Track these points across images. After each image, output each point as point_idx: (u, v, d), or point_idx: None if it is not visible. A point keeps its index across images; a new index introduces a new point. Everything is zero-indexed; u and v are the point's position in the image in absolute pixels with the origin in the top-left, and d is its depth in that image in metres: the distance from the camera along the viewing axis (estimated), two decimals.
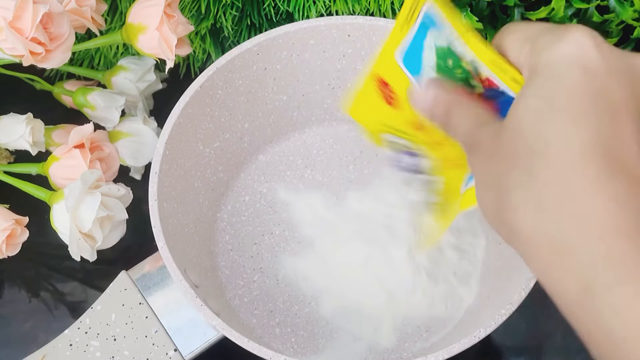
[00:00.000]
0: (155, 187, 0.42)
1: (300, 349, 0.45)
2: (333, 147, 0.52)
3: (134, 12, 0.46)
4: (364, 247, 0.47)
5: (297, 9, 0.54)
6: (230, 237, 0.48)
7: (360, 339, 0.44)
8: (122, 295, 0.43)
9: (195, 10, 0.53)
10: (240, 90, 0.48)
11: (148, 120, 0.50)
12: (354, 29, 0.47)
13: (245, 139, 0.50)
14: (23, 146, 0.48)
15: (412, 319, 0.45)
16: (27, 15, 0.40)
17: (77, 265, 0.50)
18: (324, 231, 0.48)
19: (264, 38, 0.46)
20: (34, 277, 0.50)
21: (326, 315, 0.45)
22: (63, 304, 0.49)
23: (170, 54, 0.46)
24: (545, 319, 0.48)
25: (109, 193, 0.45)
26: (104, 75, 0.52)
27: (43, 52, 0.42)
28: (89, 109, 0.50)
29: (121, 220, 0.46)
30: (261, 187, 0.50)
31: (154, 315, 0.42)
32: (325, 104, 0.51)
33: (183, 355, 0.41)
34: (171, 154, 0.44)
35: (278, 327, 0.45)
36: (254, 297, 0.46)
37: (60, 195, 0.44)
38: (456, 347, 0.37)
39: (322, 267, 0.47)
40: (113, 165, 0.48)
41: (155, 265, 0.44)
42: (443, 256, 0.47)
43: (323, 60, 0.49)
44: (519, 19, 0.55)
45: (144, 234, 0.49)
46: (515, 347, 0.48)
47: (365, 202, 0.49)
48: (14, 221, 0.46)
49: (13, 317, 0.49)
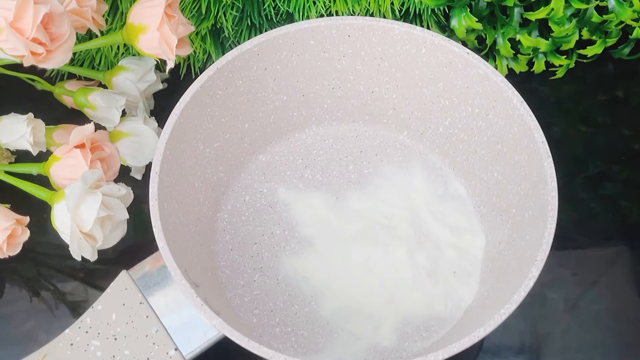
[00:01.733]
0: (155, 187, 0.42)
1: (300, 348, 0.45)
2: (333, 147, 0.52)
3: (135, 12, 0.46)
4: (364, 247, 0.47)
5: (297, 10, 0.54)
6: (230, 237, 0.48)
7: (360, 339, 0.45)
8: (123, 294, 0.43)
9: (196, 10, 0.53)
10: (240, 90, 0.48)
11: (149, 121, 0.50)
12: (354, 29, 0.47)
13: (245, 139, 0.50)
14: (24, 146, 0.48)
15: (412, 319, 0.45)
16: (28, 16, 0.40)
17: (78, 265, 0.50)
18: (324, 231, 0.48)
19: (264, 38, 0.46)
20: (34, 276, 0.50)
21: (326, 315, 0.45)
22: (64, 303, 0.49)
23: (170, 54, 0.46)
24: (545, 319, 0.48)
25: (109, 193, 0.45)
26: (104, 75, 0.52)
27: (44, 52, 0.42)
28: (90, 109, 0.50)
29: (122, 220, 0.46)
30: (261, 187, 0.50)
31: (155, 314, 0.42)
32: (325, 104, 0.51)
33: (183, 354, 0.41)
34: (172, 154, 0.44)
35: (278, 326, 0.45)
36: (254, 296, 0.46)
37: (61, 195, 0.44)
38: (456, 346, 0.37)
39: (322, 267, 0.47)
40: (114, 165, 0.48)
41: (156, 264, 0.44)
42: (443, 256, 0.47)
43: (323, 61, 0.49)
44: (518, 19, 0.55)
45: (145, 233, 0.49)
46: (514, 347, 0.48)
47: (365, 202, 0.49)
48: (15, 221, 0.46)
49: (14, 317, 0.49)
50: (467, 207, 0.49)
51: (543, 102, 0.58)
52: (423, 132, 0.51)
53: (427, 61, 0.47)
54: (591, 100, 0.59)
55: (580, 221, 0.53)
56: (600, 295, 0.49)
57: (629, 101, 0.59)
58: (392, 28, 0.47)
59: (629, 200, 0.53)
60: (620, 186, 0.54)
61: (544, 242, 0.39)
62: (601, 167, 0.55)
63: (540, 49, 0.55)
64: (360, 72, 0.50)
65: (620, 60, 0.59)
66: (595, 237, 0.52)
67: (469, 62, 0.46)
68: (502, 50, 0.56)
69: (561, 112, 0.58)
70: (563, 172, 0.45)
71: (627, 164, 0.55)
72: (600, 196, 0.54)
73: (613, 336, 0.48)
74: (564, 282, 0.49)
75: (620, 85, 0.59)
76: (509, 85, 0.44)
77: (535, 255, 0.39)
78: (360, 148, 0.52)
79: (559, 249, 0.43)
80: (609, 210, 0.53)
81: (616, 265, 0.51)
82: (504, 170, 0.46)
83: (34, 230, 0.48)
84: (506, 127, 0.45)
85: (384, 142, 0.52)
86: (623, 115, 0.58)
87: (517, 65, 0.57)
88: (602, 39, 0.56)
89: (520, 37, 0.55)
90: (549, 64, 0.58)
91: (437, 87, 0.48)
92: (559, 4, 0.52)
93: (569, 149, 0.56)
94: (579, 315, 0.48)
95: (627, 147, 0.56)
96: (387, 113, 0.51)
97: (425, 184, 0.50)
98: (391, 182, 0.50)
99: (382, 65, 0.49)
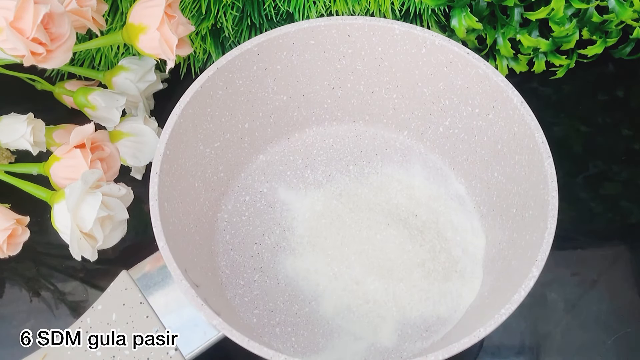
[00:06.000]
0: (155, 187, 0.42)
1: (300, 348, 0.45)
2: (333, 147, 0.52)
3: (135, 12, 0.46)
4: (364, 247, 0.47)
5: (298, 9, 0.54)
6: (230, 237, 0.48)
7: (360, 339, 0.45)
8: (123, 294, 0.43)
9: (196, 10, 0.53)
10: (240, 90, 0.48)
11: (149, 120, 0.50)
12: (354, 29, 0.47)
13: (245, 139, 0.50)
14: (24, 146, 0.48)
15: (412, 319, 0.45)
16: (28, 16, 0.40)
17: (78, 265, 0.50)
18: (324, 231, 0.48)
19: (264, 38, 0.46)
20: (34, 276, 0.50)
21: (326, 315, 0.45)
22: (64, 303, 0.49)
23: (170, 54, 0.46)
24: (544, 319, 0.48)
25: (109, 193, 0.45)
26: (104, 75, 0.52)
27: (44, 52, 0.42)
28: (90, 109, 0.50)
29: (122, 220, 0.46)
30: (261, 187, 0.50)
31: (155, 314, 0.42)
32: (325, 104, 0.51)
33: (183, 354, 0.41)
34: (172, 154, 0.44)
35: (278, 326, 0.45)
36: (255, 296, 0.46)
37: (61, 195, 0.44)
38: (456, 346, 0.37)
39: (322, 266, 0.47)
40: (114, 165, 0.48)
41: (156, 264, 0.44)
42: (443, 256, 0.47)
43: (323, 61, 0.49)
44: (518, 19, 0.55)
45: (145, 233, 0.50)
46: (514, 347, 0.48)
47: (365, 202, 0.49)
48: (15, 221, 0.46)
49: (14, 317, 0.49)
50: (467, 207, 0.49)
51: (543, 102, 0.58)
52: (423, 132, 0.51)
53: (427, 61, 0.47)
54: (591, 100, 0.59)
55: (580, 221, 0.53)
56: (600, 295, 0.49)
57: (629, 101, 0.59)
58: (392, 28, 0.47)
59: (629, 200, 0.53)
60: (620, 186, 0.54)
61: (544, 242, 0.39)
62: (601, 167, 0.55)
63: (541, 49, 0.55)
64: (360, 72, 0.50)
65: (621, 60, 0.59)
66: (595, 237, 0.52)
67: (469, 62, 0.46)
68: (502, 50, 0.56)
69: (561, 112, 0.58)
70: (563, 172, 0.45)
71: (627, 164, 0.55)
72: (600, 196, 0.54)
73: (613, 336, 0.48)
74: (564, 282, 0.50)
75: (620, 85, 0.59)
76: (509, 85, 0.44)
77: (536, 255, 0.39)
78: (360, 148, 0.52)
79: (559, 249, 0.43)
80: (609, 210, 0.53)
81: (616, 265, 0.51)
82: (504, 170, 0.46)
83: (34, 230, 0.48)
84: (506, 127, 0.45)
85: (384, 142, 0.52)
86: (623, 115, 0.58)
87: (517, 65, 0.57)
88: (602, 39, 0.56)
89: (521, 37, 0.55)
90: (549, 64, 0.58)
91: (437, 87, 0.48)
92: (559, 4, 0.52)
93: (569, 149, 0.56)
94: (579, 315, 0.48)
95: (627, 147, 0.56)
96: (387, 113, 0.51)
97: (426, 184, 0.50)
98: (391, 182, 0.50)
99: (382, 65, 0.49)
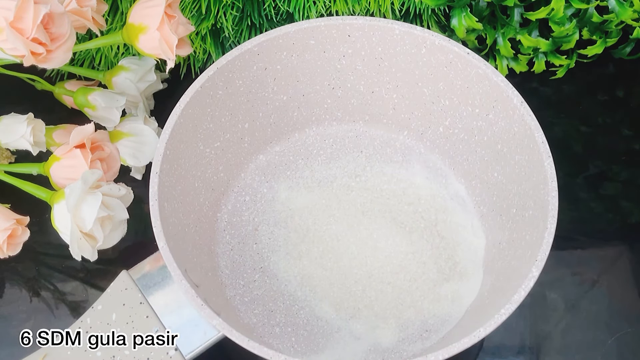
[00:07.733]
0: (155, 187, 0.42)
1: (300, 348, 0.45)
2: (333, 147, 0.52)
3: (135, 12, 0.46)
4: (364, 247, 0.47)
5: (298, 9, 0.54)
6: (230, 237, 0.48)
7: (360, 339, 0.45)
8: (123, 294, 0.43)
9: (196, 10, 0.53)
10: (240, 90, 0.48)
11: (149, 120, 0.50)
12: (354, 29, 0.47)
13: (245, 139, 0.50)
14: (24, 146, 0.48)
15: (412, 319, 0.45)
16: (28, 16, 0.40)
17: (78, 265, 0.50)
18: (325, 231, 0.48)
19: (264, 38, 0.46)
20: (34, 276, 0.50)
21: (326, 315, 0.45)
22: (64, 303, 0.49)
23: (170, 54, 0.46)
24: (544, 319, 0.48)
25: (109, 193, 0.45)
26: (104, 75, 0.52)
27: (44, 52, 0.42)
28: (90, 109, 0.50)
29: (122, 220, 0.46)
30: (261, 187, 0.50)
31: (155, 314, 0.42)
32: (325, 104, 0.51)
33: (184, 354, 0.41)
34: (172, 154, 0.44)
35: (278, 326, 0.45)
36: (255, 296, 0.46)
37: (61, 195, 0.44)
38: (456, 346, 0.37)
39: (323, 266, 0.47)
40: (114, 165, 0.48)
41: (156, 265, 0.44)
42: (443, 256, 0.47)
43: (323, 61, 0.49)
44: (518, 19, 0.55)
45: (145, 233, 0.50)
46: (514, 347, 0.48)
47: (366, 202, 0.49)
48: (15, 221, 0.46)
49: (14, 317, 0.49)
50: (467, 207, 0.49)
51: (543, 102, 0.58)
52: (423, 132, 0.51)
53: (427, 61, 0.47)
54: (591, 100, 0.59)
55: (580, 221, 0.53)
56: (600, 295, 0.49)
57: (629, 101, 0.59)
58: (392, 28, 0.47)
59: (629, 200, 0.53)
60: (620, 186, 0.54)
61: (544, 242, 0.39)
62: (601, 167, 0.55)
63: (541, 49, 0.55)
64: (360, 72, 0.50)
65: (621, 60, 0.59)
66: (595, 237, 0.52)
67: (469, 62, 0.46)
68: (502, 50, 0.56)
69: (561, 112, 0.58)
70: (563, 172, 0.45)
71: (627, 164, 0.55)
72: (600, 196, 0.54)
73: (613, 336, 0.48)
74: (564, 282, 0.49)
75: (620, 85, 0.59)
76: (509, 85, 0.44)
77: (536, 255, 0.39)
78: (360, 148, 0.52)
79: (559, 248, 0.43)
80: (609, 210, 0.53)
81: (616, 265, 0.51)
82: (504, 170, 0.46)
83: (34, 230, 0.48)
84: (506, 127, 0.45)
85: (384, 142, 0.52)
86: (623, 115, 0.58)
87: (517, 65, 0.57)
88: (602, 38, 0.56)
89: (521, 37, 0.55)
90: (549, 64, 0.58)
91: (437, 87, 0.48)
92: (559, 4, 0.52)
93: (569, 149, 0.56)
94: (579, 315, 0.48)
95: (627, 147, 0.56)
96: (387, 113, 0.51)
97: (426, 184, 0.50)
98: (391, 182, 0.50)
99: (382, 65, 0.49)
